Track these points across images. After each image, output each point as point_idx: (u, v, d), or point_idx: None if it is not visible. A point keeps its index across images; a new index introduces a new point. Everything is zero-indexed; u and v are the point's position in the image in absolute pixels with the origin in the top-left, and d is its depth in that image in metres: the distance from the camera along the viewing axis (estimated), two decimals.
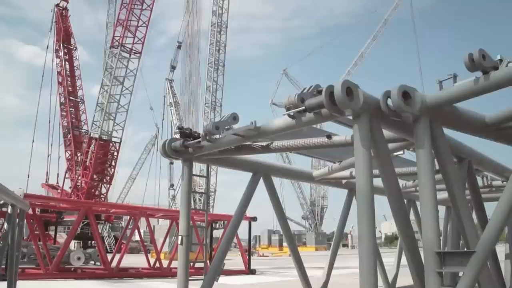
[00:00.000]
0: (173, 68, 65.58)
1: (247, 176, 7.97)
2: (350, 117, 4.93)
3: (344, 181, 9.41)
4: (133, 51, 40.77)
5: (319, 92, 4.79)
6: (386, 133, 5.56)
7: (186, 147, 6.88)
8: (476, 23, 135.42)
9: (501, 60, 4.51)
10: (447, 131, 5.59)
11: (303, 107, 4.96)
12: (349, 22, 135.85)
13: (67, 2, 53.46)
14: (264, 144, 6.62)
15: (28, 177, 50.42)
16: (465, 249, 5.40)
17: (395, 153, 6.51)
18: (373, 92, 4.94)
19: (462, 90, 4.74)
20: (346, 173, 8.48)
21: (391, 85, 4.83)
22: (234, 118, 6.22)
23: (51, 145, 51.41)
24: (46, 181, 52.78)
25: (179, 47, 63.68)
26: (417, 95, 4.85)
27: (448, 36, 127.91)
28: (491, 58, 4.49)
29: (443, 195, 7.94)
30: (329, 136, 6.17)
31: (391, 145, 6.07)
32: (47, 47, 52.84)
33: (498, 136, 5.97)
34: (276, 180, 8.72)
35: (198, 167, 10.33)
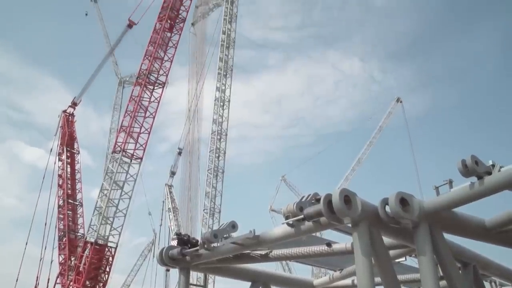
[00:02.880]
0: (173, 174, 66.28)
1: (246, 285, 7.73)
2: (349, 225, 4.91)
3: None
4: (134, 156, 41.43)
5: (318, 201, 4.81)
6: (387, 239, 5.50)
7: (183, 255, 6.75)
8: (470, 127, 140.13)
9: (493, 165, 4.62)
10: (448, 236, 5.53)
11: (302, 216, 4.95)
12: (346, 129, 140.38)
13: (74, 109, 55.64)
14: (263, 252, 6.51)
15: (17, 281, 48.39)
16: None
17: (396, 260, 6.38)
18: (372, 197, 4.98)
19: (459, 196, 4.78)
20: (347, 281, 8.23)
21: (389, 189, 4.88)
22: (233, 226, 6.18)
23: (45, 248, 50.07)
24: (36, 287, 50.65)
25: (179, 153, 64.93)
26: (414, 202, 4.87)
27: (443, 140, 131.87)
28: (483, 164, 4.60)
29: None
30: (329, 244, 6.10)
31: (392, 252, 5.97)
32: (51, 150, 53.78)
33: (500, 239, 5.89)
34: None
35: (195, 275, 10.02)
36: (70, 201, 51.26)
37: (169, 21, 41.71)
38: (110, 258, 41.77)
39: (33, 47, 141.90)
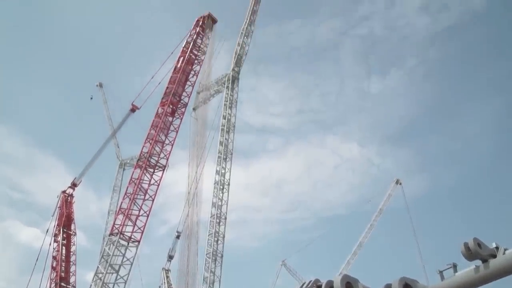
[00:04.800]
0: (170, 257, 64.56)
1: None
2: None
3: None
4: (131, 239, 40.60)
5: None
6: None
7: None
8: (470, 208, 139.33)
9: (497, 248, 4.55)
10: None
11: None
12: (346, 212, 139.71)
13: (73, 190, 55.52)
14: None
15: None
16: None
17: None
18: (375, 281, 4.87)
19: (464, 280, 4.67)
20: None
21: (392, 273, 4.78)
22: None
23: None
24: None
25: (178, 237, 63.74)
26: (419, 287, 4.76)
27: (444, 221, 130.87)
28: (487, 246, 4.54)
29: None
30: None
31: None
32: (47, 231, 52.90)
33: None
34: None
35: None
36: (63, 284, 49.60)
37: (171, 106, 42.96)
38: None
39: (36, 128, 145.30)
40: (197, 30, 46.02)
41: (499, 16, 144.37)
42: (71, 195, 55.34)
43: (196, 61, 45.27)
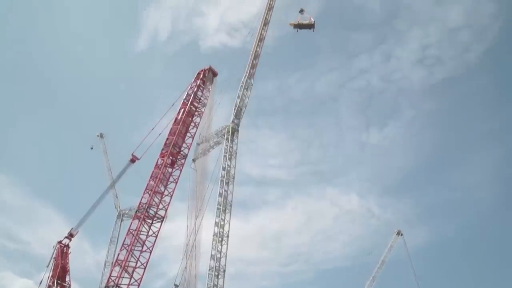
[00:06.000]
0: None
1: None
2: None
3: None
4: None
5: None
6: None
7: None
8: (471, 258, 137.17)
9: None
10: None
11: None
12: (346, 264, 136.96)
13: (70, 240, 54.52)
14: None
15: None
16: None
17: None
18: None
19: None
20: None
21: None
22: None
23: None
24: None
25: None
26: None
27: (447, 272, 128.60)
28: None
29: None
30: None
31: None
32: (40, 282, 51.53)
33: None
34: None
35: None
36: None
37: (171, 157, 43.14)
38: None
39: (36, 177, 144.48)
40: (198, 83, 46.96)
41: (494, 68, 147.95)
42: (67, 246, 54.41)
43: (196, 113, 45.90)
